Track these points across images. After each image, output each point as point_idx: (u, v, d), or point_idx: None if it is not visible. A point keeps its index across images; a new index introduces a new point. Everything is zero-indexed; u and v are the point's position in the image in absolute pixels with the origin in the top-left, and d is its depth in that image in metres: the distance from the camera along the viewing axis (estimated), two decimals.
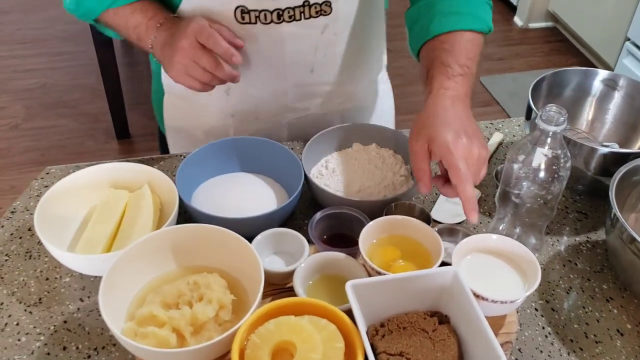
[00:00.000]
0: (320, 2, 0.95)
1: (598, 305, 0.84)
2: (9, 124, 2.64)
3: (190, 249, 0.81)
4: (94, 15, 0.97)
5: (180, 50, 0.87)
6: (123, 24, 0.96)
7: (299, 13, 0.95)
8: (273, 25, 0.95)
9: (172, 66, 0.89)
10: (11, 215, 0.95)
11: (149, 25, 0.93)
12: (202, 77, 0.89)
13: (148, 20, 0.93)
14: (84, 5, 0.96)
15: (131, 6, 0.94)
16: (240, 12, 0.93)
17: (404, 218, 0.83)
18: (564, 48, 3.24)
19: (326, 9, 0.96)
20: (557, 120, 0.77)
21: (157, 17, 0.94)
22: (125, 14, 0.95)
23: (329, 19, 0.97)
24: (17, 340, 0.77)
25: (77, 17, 1.00)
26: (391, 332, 0.71)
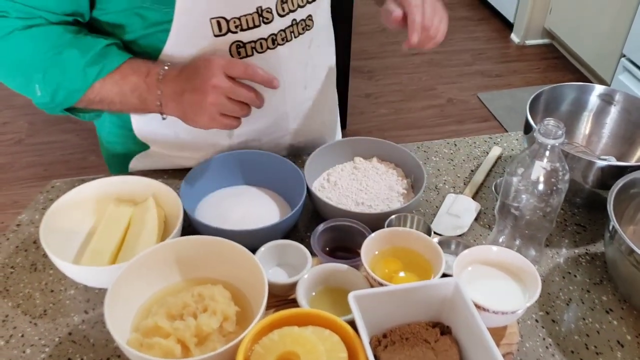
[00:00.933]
0: (304, 17, 0.97)
1: (598, 317, 0.85)
2: (12, 139, 2.66)
3: (195, 261, 0.82)
4: (78, 96, 0.87)
5: (213, 90, 0.82)
6: (116, 92, 0.87)
7: (290, 33, 0.96)
8: (268, 51, 0.95)
9: (203, 110, 0.83)
10: (17, 228, 0.96)
11: (148, 83, 0.87)
12: (239, 111, 0.85)
13: (145, 78, 0.87)
14: (63, 91, 0.87)
15: (119, 72, 0.87)
16: (236, 48, 0.92)
17: (405, 230, 0.84)
18: (561, 64, 3.27)
19: (309, 22, 0.99)
20: (555, 134, 0.78)
21: (152, 72, 0.87)
22: (116, 81, 0.87)
23: (312, 32, 1.00)
24: (22, 352, 0.78)
25: (49, 110, 0.91)
26: (394, 342, 0.72)
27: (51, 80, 0.86)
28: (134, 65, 0.88)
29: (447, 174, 1.09)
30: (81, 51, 0.86)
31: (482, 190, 1.06)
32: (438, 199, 1.03)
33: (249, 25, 0.90)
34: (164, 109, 0.88)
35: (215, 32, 0.89)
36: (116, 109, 0.92)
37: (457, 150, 1.15)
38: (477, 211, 1.00)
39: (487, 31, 3.58)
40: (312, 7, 0.98)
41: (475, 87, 3.07)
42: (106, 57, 0.87)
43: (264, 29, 0.92)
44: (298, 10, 0.95)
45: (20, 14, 0.84)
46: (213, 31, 0.89)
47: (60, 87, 0.87)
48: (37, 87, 0.87)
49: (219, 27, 0.89)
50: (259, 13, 0.91)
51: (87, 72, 0.86)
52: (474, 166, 1.11)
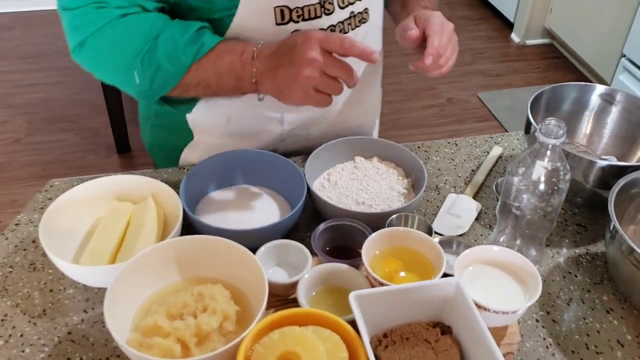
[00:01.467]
0: (362, 10, 0.98)
1: (598, 317, 0.85)
2: (10, 138, 2.65)
3: (194, 260, 0.82)
4: (177, 80, 0.88)
5: (309, 63, 0.80)
6: (213, 73, 0.88)
7: (347, 25, 0.97)
8: None
9: (298, 85, 0.82)
10: (15, 228, 0.95)
11: (244, 61, 0.86)
12: (334, 87, 0.83)
13: (241, 56, 0.87)
14: (162, 73, 0.87)
15: (215, 52, 0.87)
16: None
17: (406, 230, 0.84)
18: (561, 64, 3.27)
19: (365, 16, 0.99)
20: (557, 133, 0.78)
21: (248, 50, 0.87)
22: (212, 61, 0.87)
23: (368, 25, 1.01)
24: (21, 351, 0.78)
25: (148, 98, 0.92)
26: (394, 342, 0.72)
27: (150, 65, 0.87)
28: (228, 45, 0.89)
29: (447, 173, 1.09)
30: (179, 32, 0.87)
31: (483, 190, 1.05)
32: (439, 198, 1.03)
33: (310, 15, 0.92)
34: (259, 87, 0.87)
35: (277, 20, 0.90)
36: (211, 92, 0.92)
37: (457, 150, 1.15)
38: (478, 211, 0.99)
39: (487, 30, 3.58)
40: (368, 1, 0.99)
41: (475, 87, 3.07)
42: (202, 37, 0.88)
43: (324, 20, 0.93)
44: (356, 3, 0.97)
45: (119, 3, 0.86)
46: (276, 19, 0.90)
47: (159, 70, 0.87)
48: (136, 73, 0.88)
49: (282, 16, 0.90)
50: (321, 4, 0.92)
51: (186, 51, 0.87)
52: (474, 166, 1.11)
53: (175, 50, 0.87)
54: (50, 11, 3.66)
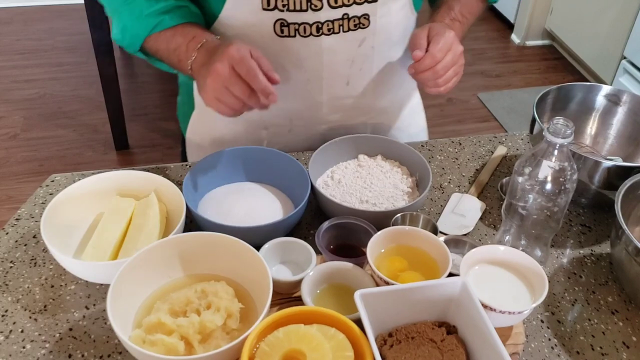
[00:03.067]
0: (359, 15, 0.95)
1: (603, 318, 0.84)
2: (7, 133, 2.64)
3: (198, 257, 0.81)
4: (139, 42, 0.96)
5: (214, 73, 0.84)
6: (164, 47, 0.94)
7: (338, 26, 0.95)
8: (312, 38, 0.95)
9: (204, 89, 0.86)
10: (16, 222, 0.94)
11: (189, 47, 0.91)
12: (233, 104, 0.85)
13: (189, 42, 0.92)
14: (129, 32, 0.95)
15: (172, 29, 0.93)
16: (280, 25, 0.93)
17: (411, 229, 0.84)
18: (561, 66, 3.27)
19: (364, 22, 0.96)
20: (565, 133, 0.78)
21: (197, 38, 0.91)
22: (167, 37, 0.94)
23: (367, 32, 0.97)
24: (22, 347, 0.77)
25: (125, 47, 0.99)
26: (399, 342, 0.71)
27: (122, 21, 0.96)
28: (186, 29, 0.94)
29: (452, 172, 1.08)
30: (149, 3, 0.93)
31: (487, 189, 1.05)
32: (443, 197, 1.03)
33: (295, 7, 0.91)
34: (193, 74, 0.91)
35: (263, 5, 0.91)
36: (167, 63, 0.98)
37: (461, 149, 1.14)
38: (482, 210, 0.99)
39: (487, 31, 3.58)
40: (370, 7, 0.95)
41: (475, 87, 3.06)
42: (168, 14, 0.93)
43: (310, 15, 0.93)
44: (353, 6, 0.94)
45: None
46: (262, 4, 0.91)
47: (126, 28, 0.96)
48: (114, 22, 0.98)
49: (267, 2, 0.91)
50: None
51: (146, 22, 0.93)
52: (478, 165, 1.10)
53: (139, 17, 0.94)
54: (49, 6, 3.65)
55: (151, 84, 2.98)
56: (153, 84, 2.99)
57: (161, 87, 2.96)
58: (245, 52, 0.84)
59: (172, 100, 1.28)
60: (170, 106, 2.84)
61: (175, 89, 1.21)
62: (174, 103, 1.25)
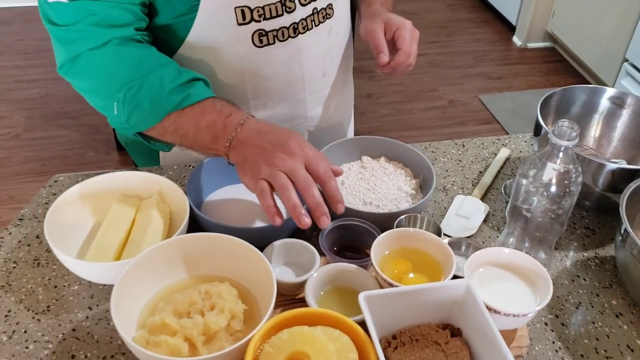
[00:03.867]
0: (325, 6, 0.99)
1: (608, 321, 0.84)
2: (9, 133, 2.63)
3: (201, 258, 0.81)
4: (154, 122, 0.86)
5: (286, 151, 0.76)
6: (191, 124, 0.84)
7: (310, 21, 0.98)
8: (290, 40, 0.97)
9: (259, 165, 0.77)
10: (19, 223, 0.94)
11: (227, 124, 0.83)
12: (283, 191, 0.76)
13: (225, 119, 0.83)
14: (141, 112, 0.85)
15: (200, 105, 0.85)
16: (259, 36, 0.93)
17: (415, 230, 0.83)
18: (562, 68, 3.27)
19: (329, 11, 1.00)
20: (569, 135, 0.78)
21: (235, 115, 0.83)
22: (195, 114, 0.84)
23: (333, 21, 1.02)
24: (25, 347, 0.77)
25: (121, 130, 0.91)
26: (404, 344, 0.71)
27: (131, 101, 0.86)
28: (217, 103, 0.86)
29: (455, 174, 1.08)
30: (169, 77, 0.85)
31: (491, 191, 1.05)
32: (446, 199, 1.02)
33: (272, 14, 0.92)
34: (230, 152, 0.83)
35: (239, 21, 0.91)
36: (187, 143, 0.88)
37: (465, 151, 1.14)
38: (486, 213, 0.99)
39: (489, 33, 3.58)
40: None
41: (477, 89, 3.06)
42: (191, 88, 0.86)
43: (286, 18, 0.94)
44: (319, 0, 0.97)
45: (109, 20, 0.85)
46: (237, 19, 0.91)
47: (138, 108, 0.85)
48: (116, 105, 0.87)
49: (242, 16, 0.91)
50: (282, 2, 0.93)
51: (171, 97, 0.84)
52: (482, 167, 1.10)
53: (160, 94, 0.85)
54: None
55: None
56: None
57: None
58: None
59: None
60: None
61: None
62: None
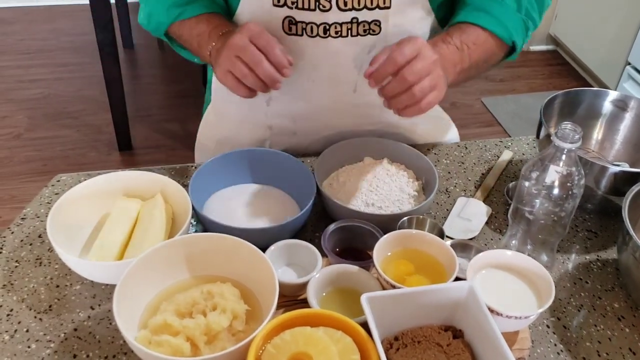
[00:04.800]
0: (369, 20, 0.93)
1: (610, 324, 0.84)
2: (11, 133, 2.64)
3: (204, 258, 0.81)
4: (163, 27, 1.01)
5: (230, 44, 0.85)
6: (187, 33, 0.98)
7: (346, 29, 0.93)
8: (319, 39, 0.94)
9: (219, 63, 0.88)
10: (21, 222, 0.94)
11: (211, 34, 0.94)
12: (242, 73, 0.85)
13: (211, 30, 0.94)
14: (154, 19, 1.01)
15: (197, 17, 0.97)
16: (288, 23, 0.93)
17: (418, 232, 0.83)
18: (565, 71, 3.27)
19: (375, 28, 0.94)
20: (573, 138, 0.78)
21: (220, 26, 0.94)
22: (191, 24, 0.97)
23: (377, 38, 0.95)
24: (27, 347, 0.77)
25: (151, 32, 1.04)
26: (405, 345, 0.71)
27: (147, 6, 1.02)
28: (210, 17, 0.97)
29: (457, 176, 1.08)
30: None
31: (493, 194, 1.05)
32: (449, 201, 1.02)
33: (304, 5, 0.92)
34: (212, 59, 0.93)
35: (274, 2, 0.92)
36: (189, 48, 1.02)
37: (467, 153, 1.14)
38: (488, 215, 0.99)
39: None
40: (382, 13, 0.92)
41: (479, 92, 3.06)
42: (191, 4, 0.97)
43: (318, 15, 0.92)
44: (363, 11, 0.92)
45: None
46: (273, 1, 0.92)
47: (152, 15, 1.01)
48: (142, 7, 1.03)
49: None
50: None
51: (171, 11, 0.98)
52: (484, 169, 1.10)
53: (163, 7, 0.99)
54: (53, 6, 3.65)
55: (155, 85, 2.98)
56: (157, 85, 2.99)
57: (165, 88, 2.96)
58: (262, 27, 0.86)
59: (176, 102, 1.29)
60: (174, 107, 2.84)
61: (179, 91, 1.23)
62: (177, 104, 1.27)
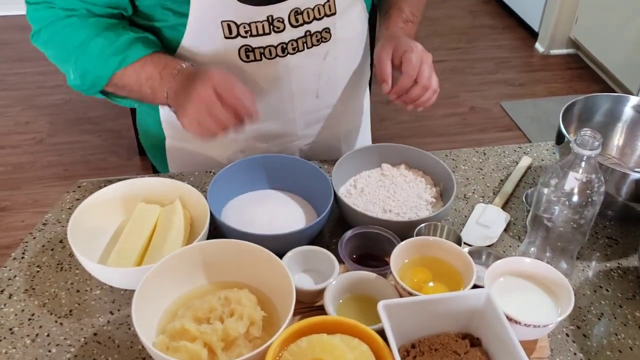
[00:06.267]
0: (320, 29, 0.97)
1: (631, 333, 0.83)
2: (34, 138, 2.68)
3: (221, 264, 0.81)
4: (104, 82, 0.94)
5: (196, 98, 0.84)
6: (134, 80, 0.93)
7: (302, 44, 0.97)
8: (278, 59, 0.96)
9: (184, 113, 0.86)
10: (43, 227, 0.96)
11: (163, 75, 0.90)
12: (214, 127, 0.85)
13: (161, 70, 0.91)
14: (90, 75, 0.94)
15: (139, 62, 0.92)
16: (245, 51, 0.94)
17: (435, 239, 0.83)
18: (586, 75, 3.23)
19: (326, 35, 0.99)
20: (592, 145, 0.77)
21: (169, 66, 0.91)
22: (135, 69, 0.92)
23: (329, 45, 1.00)
24: (47, 351, 0.78)
25: (83, 92, 0.97)
26: (422, 353, 0.71)
27: (80, 66, 0.94)
28: (154, 58, 0.93)
29: (476, 183, 1.08)
30: (108, 42, 0.92)
31: (512, 200, 1.04)
32: (467, 208, 1.02)
33: (258, 32, 0.93)
34: (169, 101, 0.91)
35: (225, 34, 0.92)
36: (135, 97, 0.97)
37: (486, 159, 1.13)
38: (507, 222, 0.98)
39: (511, 40, 3.55)
40: (330, 20, 0.98)
41: (499, 96, 3.04)
42: (130, 48, 0.92)
43: (274, 37, 0.94)
44: (313, 22, 0.96)
45: (64, 5, 0.92)
46: (224, 33, 0.92)
47: (88, 72, 0.94)
48: (71, 70, 0.95)
49: (229, 30, 0.92)
50: (270, 22, 0.93)
51: (110, 60, 0.92)
52: (503, 176, 1.09)
53: (100, 58, 0.92)
54: None
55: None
56: None
57: None
58: (229, 76, 0.85)
59: None
60: None
61: None
62: None
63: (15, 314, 0.82)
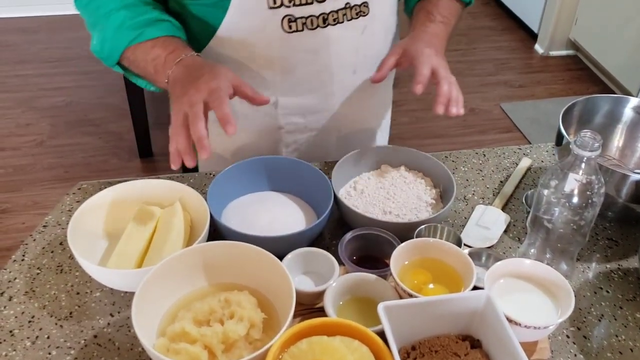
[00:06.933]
0: (359, 3, 0.99)
1: (631, 334, 0.83)
2: (34, 140, 2.68)
3: (221, 266, 0.81)
4: (118, 53, 0.96)
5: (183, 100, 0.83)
6: (142, 58, 0.94)
7: (342, 15, 0.99)
8: (319, 30, 0.98)
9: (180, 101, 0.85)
10: (43, 229, 0.96)
11: (167, 59, 0.91)
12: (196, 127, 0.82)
13: (168, 54, 0.91)
14: (108, 44, 0.96)
15: (153, 41, 0.93)
16: (288, 21, 0.95)
17: (435, 241, 0.83)
18: (585, 76, 3.23)
19: (364, 9, 1.01)
20: (592, 146, 0.77)
21: (177, 52, 0.91)
22: (146, 48, 0.93)
23: (367, 19, 1.02)
24: (47, 353, 0.78)
25: (103, 60, 0.99)
26: (423, 355, 0.71)
27: (102, 34, 0.97)
28: (167, 41, 0.94)
29: (475, 184, 1.08)
30: (130, 16, 0.95)
31: (512, 202, 1.04)
32: (467, 209, 1.02)
33: (302, 1, 0.94)
34: (169, 87, 0.91)
35: (269, 4, 0.94)
36: (143, 75, 0.98)
37: (486, 160, 1.13)
38: (507, 223, 0.98)
39: (510, 41, 3.56)
40: None
41: (498, 97, 3.04)
42: (149, 27, 0.94)
43: (316, 7, 0.96)
44: None
45: None
46: (268, 3, 0.93)
47: (106, 40, 0.96)
48: (95, 36, 0.99)
49: (274, 0, 0.93)
50: None
51: (126, 33, 0.94)
52: (503, 177, 1.09)
53: (119, 29, 0.95)
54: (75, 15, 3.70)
55: None
56: None
57: None
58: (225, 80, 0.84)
59: None
60: None
61: None
62: None
63: (15, 316, 0.82)
